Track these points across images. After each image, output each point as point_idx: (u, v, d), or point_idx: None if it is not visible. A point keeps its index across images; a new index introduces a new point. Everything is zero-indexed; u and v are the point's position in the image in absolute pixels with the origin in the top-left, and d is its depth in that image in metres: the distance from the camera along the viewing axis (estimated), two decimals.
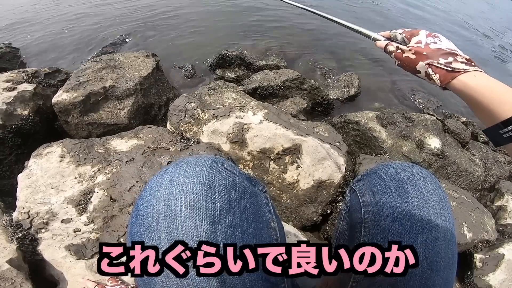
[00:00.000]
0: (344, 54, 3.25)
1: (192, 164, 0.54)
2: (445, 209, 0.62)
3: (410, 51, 0.70)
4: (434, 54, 0.66)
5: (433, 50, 0.67)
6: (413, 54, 0.70)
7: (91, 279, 0.97)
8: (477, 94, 0.59)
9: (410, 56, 0.70)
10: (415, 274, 0.57)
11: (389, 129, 1.89)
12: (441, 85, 0.66)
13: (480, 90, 0.59)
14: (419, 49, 0.69)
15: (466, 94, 0.61)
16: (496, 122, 0.55)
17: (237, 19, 3.58)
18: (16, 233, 1.01)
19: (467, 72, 0.62)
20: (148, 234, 0.47)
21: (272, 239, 0.56)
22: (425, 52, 0.67)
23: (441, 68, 0.64)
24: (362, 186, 0.73)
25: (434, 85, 0.67)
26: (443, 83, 0.65)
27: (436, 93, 2.92)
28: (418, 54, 0.69)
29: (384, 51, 0.80)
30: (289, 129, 1.44)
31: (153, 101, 1.92)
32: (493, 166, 1.99)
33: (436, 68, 0.65)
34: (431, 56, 0.66)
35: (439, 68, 0.65)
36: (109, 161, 1.27)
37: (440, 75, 0.65)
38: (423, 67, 0.68)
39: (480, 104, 0.59)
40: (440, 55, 0.65)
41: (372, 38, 0.84)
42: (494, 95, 0.56)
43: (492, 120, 0.57)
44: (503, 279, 1.36)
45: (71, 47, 2.84)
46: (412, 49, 0.70)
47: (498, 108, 0.55)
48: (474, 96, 0.60)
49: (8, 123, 1.46)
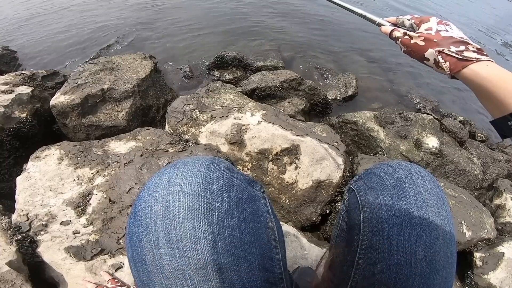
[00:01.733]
0: (342, 54, 3.26)
1: (190, 165, 0.54)
2: (444, 208, 0.62)
3: (419, 38, 0.69)
4: (445, 41, 0.65)
5: (444, 38, 0.66)
6: (422, 41, 0.68)
7: (91, 281, 0.96)
8: (488, 84, 0.58)
9: (419, 42, 0.69)
10: (414, 274, 0.58)
11: (387, 129, 1.89)
12: (451, 73, 0.65)
13: (492, 80, 0.58)
14: (429, 36, 0.67)
15: (476, 84, 0.60)
16: (505, 113, 0.55)
17: (234, 21, 3.58)
18: (15, 235, 1.01)
19: (479, 61, 0.61)
20: (146, 235, 0.47)
21: (271, 239, 0.56)
22: (436, 39, 0.66)
23: (452, 56, 0.63)
24: (360, 185, 0.73)
25: (443, 73, 0.67)
26: (453, 71, 0.64)
27: (433, 92, 2.93)
28: (428, 41, 0.67)
29: (389, 37, 0.79)
30: (287, 130, 1.45)
31: (151, 103, 1.92)
32: (491, 164, 1.99)
33: (446, 56, 0.64)
34: (442, 44, 0.65)
35: (449, 56, 0.64)
36: (107, 163, 1.27)
37: (451, 63, 0.64)
38: (432, 54, 0.66)
39: (490, 94, 0.58)
40: (451, 43, 0.64)
41: (377, 23, 0.82)
42: (506, 85, 0.56)
43: (501, 111, 0.56)
44: (504, 277, 1.36)
45: (69, 50, 2.83)
46: (422, 36, 0.69)
47: (509, 99, 0.54)
48: (484, 86, 0.59)
49: (6, 126, 1.45)
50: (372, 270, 0.62)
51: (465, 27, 4.95)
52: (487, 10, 7.32)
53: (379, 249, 0.61)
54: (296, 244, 1.26)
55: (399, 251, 0.59)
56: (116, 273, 1.00)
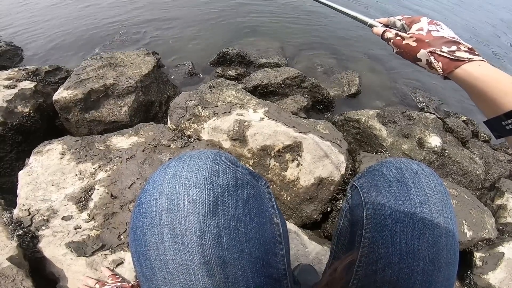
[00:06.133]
0: (345, 52, 3.24)
1: (196, 158, 0.53)
2: (447, 206, 0.62)
3: (411, 38, 0.68)
4: (436, 42, 0.64)
5: (436, 38, 0.65)
6: (414, 42, 0.67)
7: (91, 277, 0.96)
8: (481, 84, 0.57)
9: (411, 43, 0.68)
10: (417, 272, 0.57)
11: (389, 127, 1.89)
12: (443, 74, 0.63)
13: (485, 80, 0.57)
14: (420, 37, 0.66)
15: (469, 84, 0.59)
16: (498, 113, 0.54)
17: (237, 17, 3.57)
18: (16, 230, 1.01)
19: (472, 61, 0.60)
20: (151, 229, 0.47)
21: (275, 235, 0.56)
22: (427, 40, 0.65)
23: (444, 57, 0.62)
24: (363, 182, 0.72)
25: (435, 74, 0.65)
26: (445, 72, 0.63)
27: (437, 91, 2.92)
28: (419, 41, 0.66)
29: (381, 38, 0.77)
30: (289, 127, 1.44)
31: (153, 99, 1.92)
32: (494, 164, 1.98)
33: (438, 57, 0.63)
34: (434, 44, 0.64)
35: (442, 57, 0.62)
36: (109, 158, 1.27)
37: (443, 63, 0.62)
38: (424, 55, 0.65)
39: (483, 94, 0.57)
40: (443, 43, 0.63)
41: (369, 25, 0.81)
42: (499, 85, 0.55)
43: (495, 111, 0.55)
44: (503, 277, 1.36)
45: (72, 45, 2.83)
46: (413, 36, 0.67)
47: (503, 99, 0.53)
48: (477, 86, 0.58)
49: (8, 121, 1.46)
50: (375, 268, 0.61)
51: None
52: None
53: (382, 247, 0.61)
54: (297, 241, 1.26)
55: (401, 249, 0.59)
56: (117, 269, 1.00)
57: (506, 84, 0.54)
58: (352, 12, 0.83)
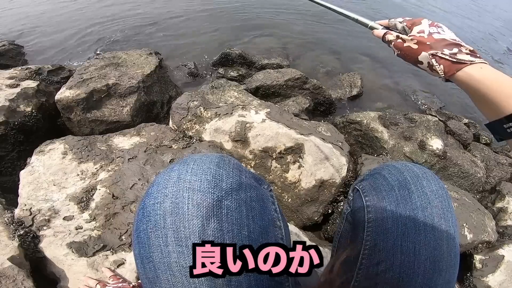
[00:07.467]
0: (347, 54, 3.24)
1: (200, 162, 0.53)
2: (448, 210, 0.62)
3: (412, 41, 0.67)
4: (438, 44, 0.63)
5: (437, 40, 0.64)
6: (415, 44, 0.66)
7: (92, 277, 0.96)
8: (483, 87, 0.56)
9: (412, 46, 0.67)
10: (418, 274, 0.58)
11: (391, 130, 1.89)
12: (445, 76, 0.63)
13: (487, 82, 0.56)
14: (422, 39, 0.65)
15: (471, 87, 0.59)
16: (500, 116, 0.53)
17: (239, 18, 3.58)
18: (17, 230, 1.01)
19: (473, 64, 0.59)
20: (155, 232, 0.47)
21: (278, 238, 0.56)
22: (429, 42, 0.64)
23: (445, 59, 0.61)
24: (365, 186, 0.72)
25: (437, 76, 0.65)
26: (447, 74, 0.62)
27: (438, 93, 2.92)
28: (420, 44, 0.65)
29: (382, 41, 0.76)
30: (291, 128, 1.44)
31: (155, 99, 1.92)
32: (495, 168, 1.98)
33: (440, 59, 0.62)
34: (435, 47, 0.63)
35: (443, 59, 0.62)
36: (111, 158, 1.27)
37: (445, 66, 0.62)
38: (426, 58, 0.64)
39: (485, 97, 0.56)
40: (444, 45, 0.62)
41: (369, 27, 0.80)
42: (501, 88, 0.54)
43: (496, 114, 0.54)
44: (503, 280, 1.36)
45: (74, 45, 2.84)
46: (415, 39, 0.66)
47: (504, 101, 0.53)
48: (479, 89, 0.57)
49: (10, 120, 1.46)
50: (376, 270, 0.62)
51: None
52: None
53: (383, 250, 0.61)
54: None
55: (403, 251, 0.59)
56: (118, 269, 0.99)
57: (508, 86, 0.54)
58: (353, 15, 0.83)
